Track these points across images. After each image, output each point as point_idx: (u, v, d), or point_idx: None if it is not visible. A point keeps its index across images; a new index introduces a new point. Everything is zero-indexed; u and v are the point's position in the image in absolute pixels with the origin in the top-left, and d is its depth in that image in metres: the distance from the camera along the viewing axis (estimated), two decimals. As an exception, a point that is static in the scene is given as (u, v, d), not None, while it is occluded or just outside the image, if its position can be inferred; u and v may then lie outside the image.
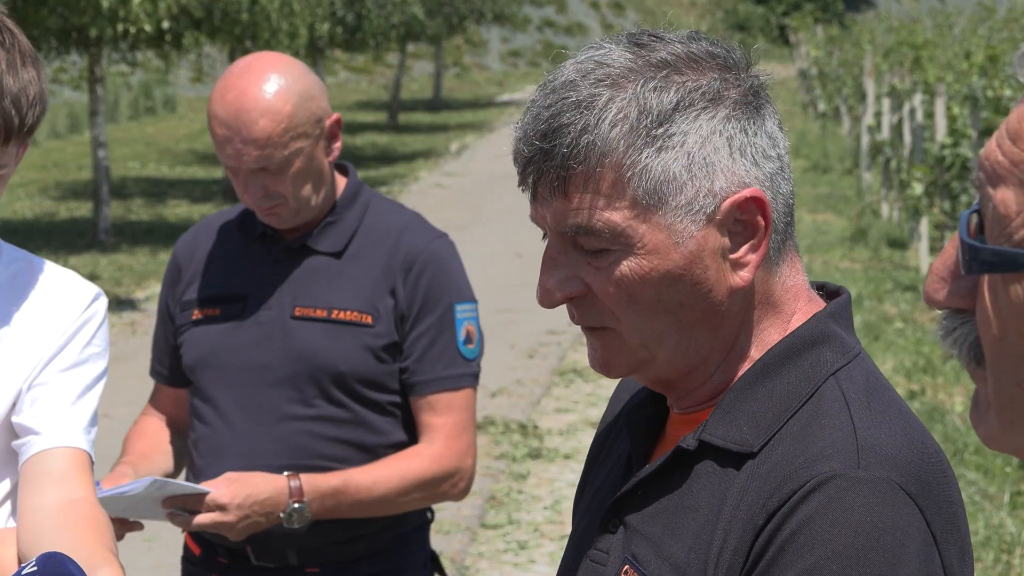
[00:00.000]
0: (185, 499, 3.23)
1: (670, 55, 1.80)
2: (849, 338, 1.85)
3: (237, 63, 3.36)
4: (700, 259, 1.79)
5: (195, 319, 3.45)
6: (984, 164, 1.31)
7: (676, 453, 1.83)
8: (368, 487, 3.31)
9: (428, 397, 3.38)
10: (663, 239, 1.79)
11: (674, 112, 1.78)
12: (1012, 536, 7.26)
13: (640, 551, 1.82)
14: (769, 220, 1.80)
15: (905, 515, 1.70)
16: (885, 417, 1.78)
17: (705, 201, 1.78)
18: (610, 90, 1.78)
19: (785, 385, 1.81)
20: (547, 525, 7.76)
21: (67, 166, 25.65)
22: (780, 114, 1.87)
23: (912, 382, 10.35)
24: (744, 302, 1.83)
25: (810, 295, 1.87)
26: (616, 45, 1.82)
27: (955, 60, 20.61)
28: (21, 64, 2.41)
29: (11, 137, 2.40)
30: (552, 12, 53.86)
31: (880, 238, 17.00)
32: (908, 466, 1.73)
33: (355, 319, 3.35)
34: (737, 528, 1.74)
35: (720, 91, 1.79)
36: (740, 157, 1.80)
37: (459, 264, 3.45)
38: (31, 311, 2.54)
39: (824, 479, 1.71)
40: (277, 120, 3.25)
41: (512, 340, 11.72)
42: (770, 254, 1.83)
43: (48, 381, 2.51)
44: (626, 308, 1.81)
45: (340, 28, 27.64)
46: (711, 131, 1.78)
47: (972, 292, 1.34)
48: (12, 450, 2.51)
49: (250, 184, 3.29)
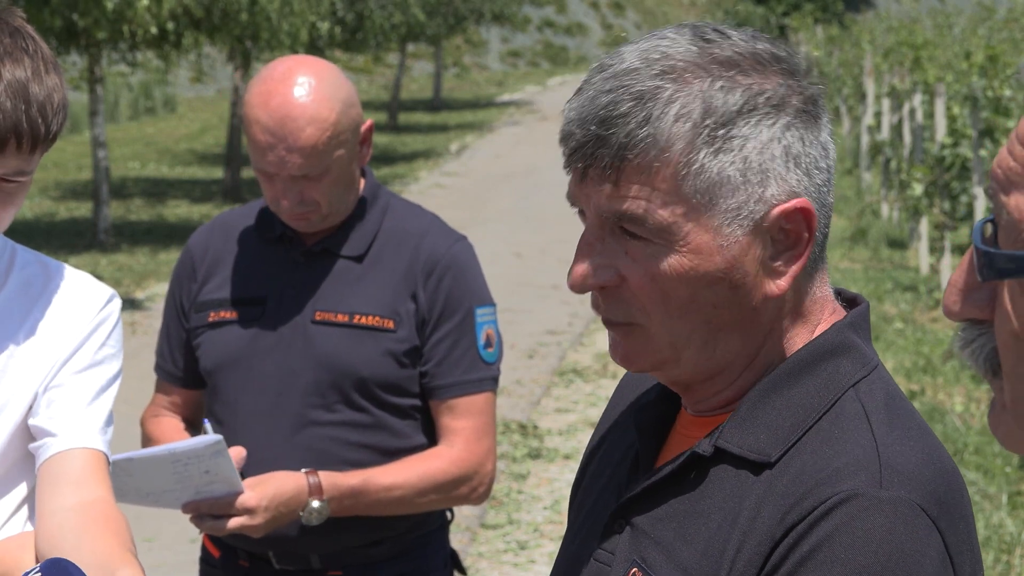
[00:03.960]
0: (211, 504, 3.22)
1: (736, 54, 1.78)
2: (867, 349, 1.84)
3: (274, 67, 3.30)
4: (741, 264, 1.78)
5: (212, 321, 3.43)
6: (996, 172, 1.32)
7: (691, 458, 1.81)
8: (387, 487, 3.31)
9: (449, 401, 3.37)
10: (708, 240, 1.77)
11: (738, 115, 1.76)
12: (1012, 536, 7.27)
13: (649, 554, 1.80)
14: (813, 232, 1.79)
15: (924, 536, 1.70)
16: (906, 434, 1.77)
17: (755, 207, 1.77)
18: (674, 84, 1.75)
19: (803, 395, 1.79)
20: (547, 525, 7.76)
21: (67, 166, 25.65)
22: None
23: (912, 382, 10.35)
24: (776, 311, 1.81)
25: (834, 306, 1.86)
26: (680, 36, 1.79)
27: (955, 60, 20.60)
28: (45, 71, 2.39)
29: (37, 146, 2.38)
30: (552, 12, 53.83)
31: (880, 238, 17.01)
32: (928, 485, 1.73)
33: (377, 324, 3.34)
34: (753, 539, 1.73)
35: (784, 98, 1.78)
36: (795, 167, 1.78)
37: (478, 267, 3.44)
38: (46, 315, 2.53)
39: (846, 497, 1.70)
40: (323, 128, 3.23)
41: (512, 340, 11.71)
42: (808, 266, 1.82)
43: (64, 383, 2.50)
44: (658, 304, 1.79)
45: (340, 28, 27.63)
46: (771, 138, 1.77)
47: (989, 303, 1.35)
48: (30, 454, 2.50)
49: (288, 190, 3.27)
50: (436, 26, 32.73)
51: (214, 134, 31.02)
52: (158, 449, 3.18)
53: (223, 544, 3.47)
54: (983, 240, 1.33)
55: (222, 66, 36.80)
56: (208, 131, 31.96)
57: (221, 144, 27.65)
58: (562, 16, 54.02)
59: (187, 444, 3.16)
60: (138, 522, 6.27)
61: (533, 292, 13.66)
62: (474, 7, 35.10)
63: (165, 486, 3.20)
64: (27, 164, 2.39)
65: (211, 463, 3.16)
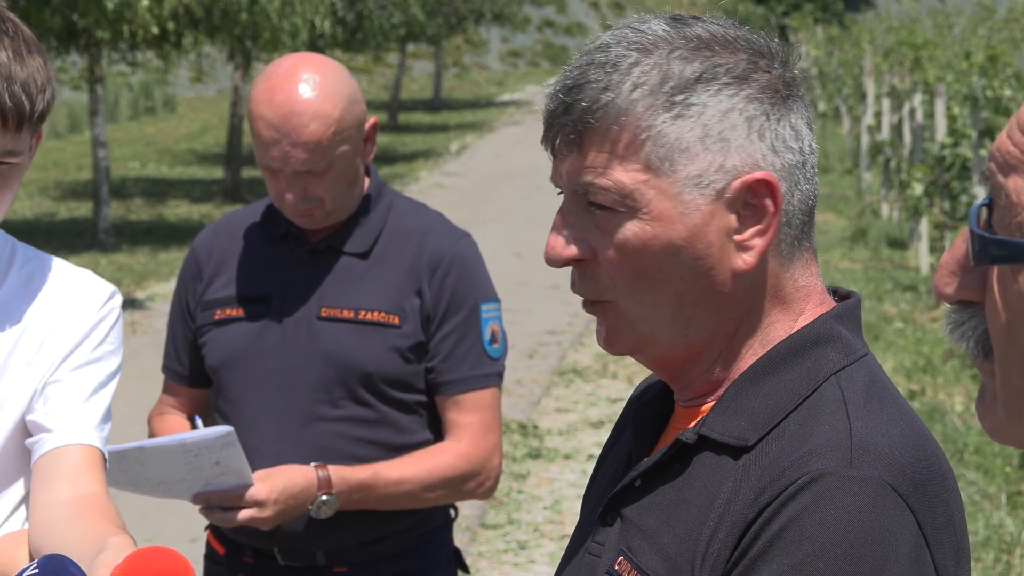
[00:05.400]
0: (221, 496, 3.24)
1: (705, 32, 1.81)
2: (855, 340, 1.84)
3: (279, 64, 3.34)
4: (704, 234, 1.79)
5: (217, 319, 3.45)
6: (995, 155, 1.31)
7: (675, 446, 1.83)
8: (396, 481, 3.34)
9: (455, 396, 3.40)
10: (669, 207, 1.78)
11: (696, 83, 1.78)
12: (1012, 536, 7.26)
13: (635, 543, 1.82)
14: (779, 207, 1.79)
15: (895, 516, 1.69)
16: (883, 417, 1.77)
17: (716, 176, 1.78)
18: (638, 54, 1.79)
19: (786, 382, 1.80)
20: (547, 525, 7.76)
21: (67, 166, 25.65)
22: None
23: (912, 382, 10.35)
24: (750, 290, 1.82)
25: (823, 298, 1.86)
26: (657, 20, 1.83)
27: (955, 60, 20.61)
28: (27, 52, 2.42)
29: (23, 123, 2.41)
30: (552, 12, 53.85)
31: (880, 238, 17.01)
32: (902, 467, 1.72)
33: (382, 320, 3.36)
34: (728, 521, 1.74)
35: (747, 72, 1.79)
36: (758, 140, 1.79)
37: (483, 264, 3.47)
38: (47, 311, 2.54)
39: (815, 476, 1.70)
40: (327, 124, 3.26)
41: (512, 340, 11.71)
42: (782, 248, 1.82)
43: (62, 379, 2.51)
44: (627, 277, 1.81)
45: (340, 28, 27.63)
46: (731, 108, 1.78)
47: (981, 285, 1.34)
48: (28, 450, 2.51)
49: (292, 186, 3.29)
50: (436, 26, 32.73)
51: (214, 134, 31.02)
52: (169, 439, 3.20)
53: (228, 541, 3.48)
54: (978, 224, 1.32)
55: (222, 66, 36.80)
56: (208, 131, 31.97)
57: (221, 144, 27.66)
58: (562, 16, 54.03)
59: (198, 434, 3.18)
60: (140, 521, 6.28)
61: (533, 292, 13.65)
62: (474, 7, 35.10)
63: (176, 476, 3.21)
64: (15, 143, 2.41)
65: (222, 454, 3.18)
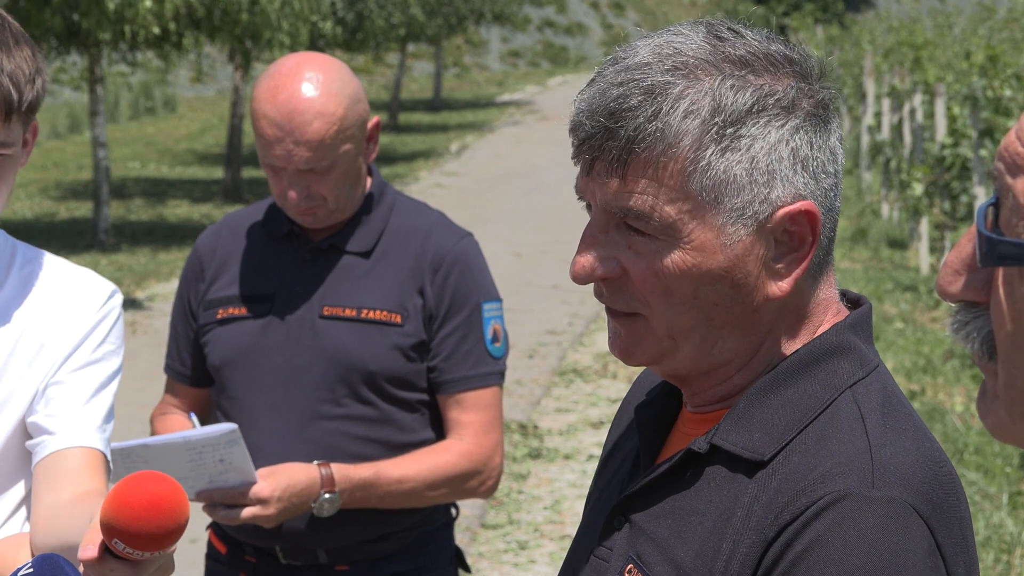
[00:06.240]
0: (224, 493, 3.24)
1: (748, 53, 1.78)
2: (868, 350, 1.84)
3: (283, 63, 3.35)
4: (743, 264, 1.78)
5: (220, 318, 3.45)
6: (1003, 155, 1.30)
7: (687, 455, 1.82)
8: (398, 479, 3.35)
9: (457, 395, 3.41)
10: (711, 238, 1.77)
11: (747, 115, 1.76)
12: (1012, 536, 7.26)
13: (645, 551, 1.81)
14: (817, 236, 1.79)
15: (917, 536, 1.70)
16: (901, 435, 1.77)
17: (760, 208, 1.77)
18: (685, 80, 1.76)
19: (800, 395, 1.80)
20: (547, 525, 7.75)
21: (67, 166, 25.64)
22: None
23: (912, 382, 10.35)
24: (777, 311, 1.82)
25: (838, 307, 1.86)
26: (694, 33, 1.80)
27: (955, 60, 20.60)
28: (14, 43, 2.42)
29: (12, 113, 2.40)
30: (552, 12, 53.84)
31: (880, 238, 17.01)
32: (921, 486, 1.73)
33: (384, 318, 3.37)
34: (747, 539, 1.73)
35: (794, 100, 1.78)
36: (802, 170, 1.78)
37: (484, 263, 3.48)
38: (48, 311, 2.53)
39: (837, 497, 1.70)
40: (330, 122, 3.27)
41: (512, 340, 11.70)
42: (811, 268, 1.82)
43: (63, 380, 2.51)
44: (660, 298, 1.80)
45: (340, 28, 27.62)
46: (779, 140, 1.77)
47: (987, 285, 1.33)
48: (28, 452, 2.51)
49: (294, 184, 3.30)
50: (436, 26, 32.72)
51: (214, 134, 31.01)
52: (174, 436, 3.20)
53: (230, 540, 3.49)
54: (985, 225, 1.31)
55: (222, 66, 36.81)
56: (208, 131, 31.95)
57: (221, 144, 27.65)
58: (562, 16, 54.01)
59: (202, 432, 3.18)
60: (138, 522, 6.14)
61: (533, 292, 13.65)
62: (474, 7, 35.08)
63: (179, 473, 3.21)
64: (6, 134, 2.41)
65: (226, 452, 3.19)
